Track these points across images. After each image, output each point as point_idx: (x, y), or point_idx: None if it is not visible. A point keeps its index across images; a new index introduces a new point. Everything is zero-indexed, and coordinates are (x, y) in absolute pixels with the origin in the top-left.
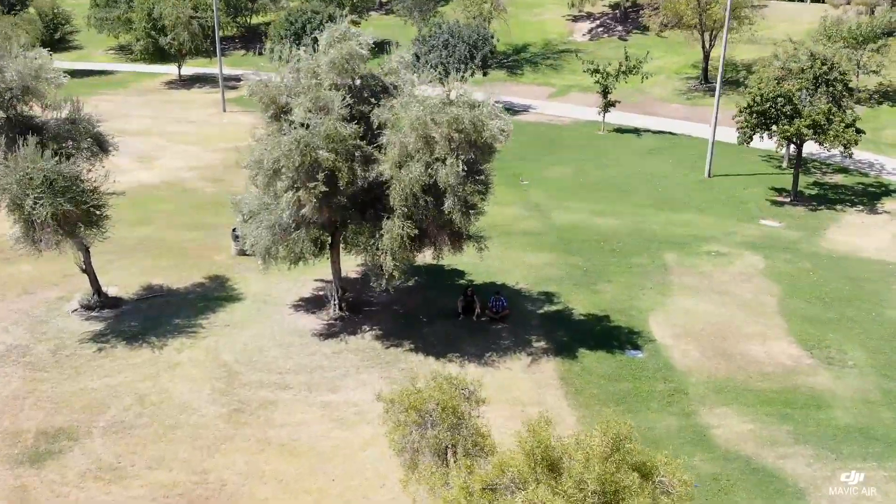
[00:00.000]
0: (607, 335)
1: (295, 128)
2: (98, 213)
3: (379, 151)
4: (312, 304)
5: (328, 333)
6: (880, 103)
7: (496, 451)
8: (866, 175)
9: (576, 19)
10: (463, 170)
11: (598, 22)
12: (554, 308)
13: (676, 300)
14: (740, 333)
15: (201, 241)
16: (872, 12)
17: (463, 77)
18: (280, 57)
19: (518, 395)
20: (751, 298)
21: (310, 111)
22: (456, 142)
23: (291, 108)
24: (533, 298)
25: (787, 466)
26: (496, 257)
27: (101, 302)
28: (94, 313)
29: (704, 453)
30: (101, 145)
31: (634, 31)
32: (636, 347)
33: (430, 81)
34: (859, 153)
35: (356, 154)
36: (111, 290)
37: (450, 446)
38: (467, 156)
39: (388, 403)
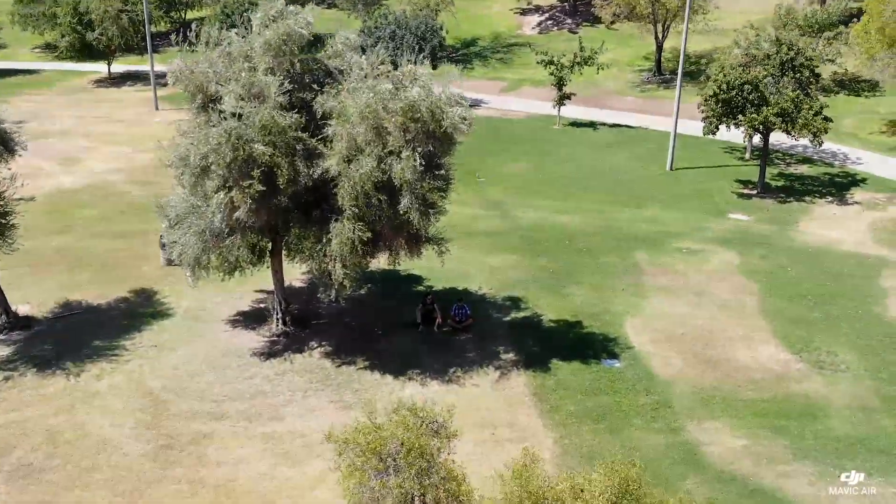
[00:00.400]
0: (581, 343)
1: (225, 118)
2: (3, 221)
3: (324, 144)
4: (252, 318)
5: (270, 352)
6: (837, 92)
7: (473, 498)
8: (831, 165)
9: (524, 12)
10: (420, 164)
11: (546, 15)
12: (521, 315)
13: (652, 302)
14: (723, 337)
15: (127, 250)
16: (824, 1)
17: (414, 62)
18: (209, 39)
19: (487, 415)
20: (730, 299)
21: (242, 99)
22: (412, 132)
23: (221, 96)
24: (498, 305)
25: (787, 486)
26: (457, 260)
27: (9, 323)
28: (0, 336)
29: (697, 475)
30: (4, 145)
31: (584, 23)
32: (613, 356)
33: (382, 63)
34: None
35: (298, 148)
36: (22, 309)
37: (417, 496)
38: (425, 148)
39: (342, 445)
